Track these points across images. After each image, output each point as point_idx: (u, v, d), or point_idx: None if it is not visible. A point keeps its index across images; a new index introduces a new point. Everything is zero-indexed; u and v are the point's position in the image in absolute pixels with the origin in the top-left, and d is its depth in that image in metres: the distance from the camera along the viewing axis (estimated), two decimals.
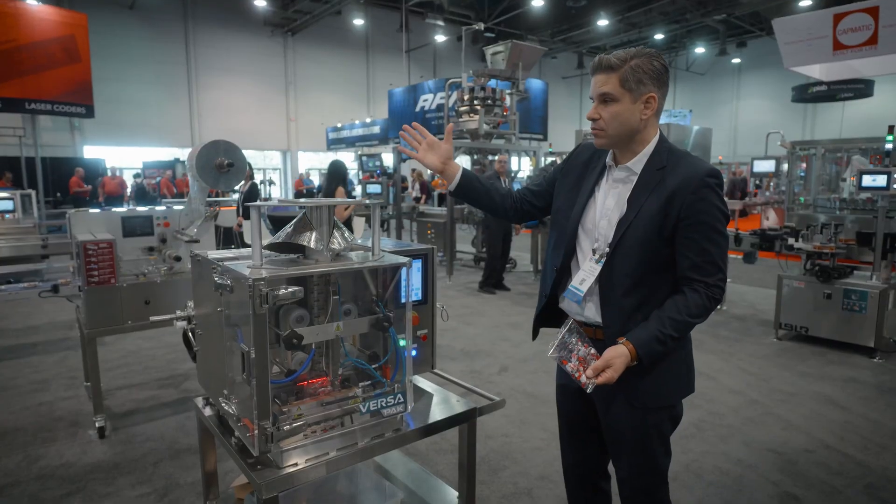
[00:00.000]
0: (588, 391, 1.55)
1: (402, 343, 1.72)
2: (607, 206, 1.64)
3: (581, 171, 1.75)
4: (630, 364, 1.51)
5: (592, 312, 1.66)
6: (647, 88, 1.53)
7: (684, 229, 1.53)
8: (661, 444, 1.68)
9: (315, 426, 1.60)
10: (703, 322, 1.57)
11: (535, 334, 1.90)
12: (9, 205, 6.84)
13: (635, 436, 1.66)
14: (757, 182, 16.31)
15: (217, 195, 10.06)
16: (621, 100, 1.53)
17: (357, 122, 21.88)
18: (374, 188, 10.42)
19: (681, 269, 1.56)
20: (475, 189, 1.87)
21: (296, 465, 1.52)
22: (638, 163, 1.60)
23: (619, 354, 1.50)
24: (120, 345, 5.06)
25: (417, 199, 14.18)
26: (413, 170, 17.47)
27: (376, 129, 20.56)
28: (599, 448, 1.84)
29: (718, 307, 6.39)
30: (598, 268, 1.61)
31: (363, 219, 7.73)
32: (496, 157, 7.91)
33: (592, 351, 1.57)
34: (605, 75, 1.54)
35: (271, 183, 21.20)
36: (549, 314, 1.82)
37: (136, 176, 17.21)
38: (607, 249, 1.60)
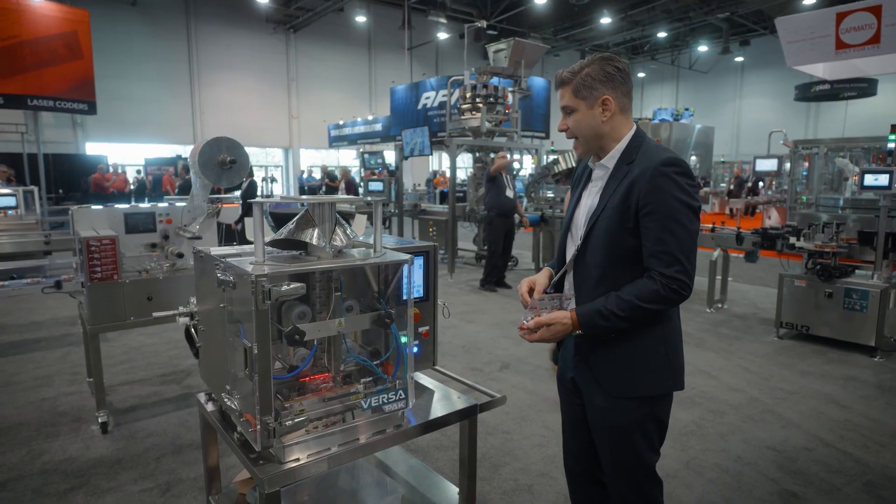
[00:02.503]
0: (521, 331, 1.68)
1: (403, 340, 1.73)
2: (587, 204, 1.74)
3: (578, 181, 1.87)
4: (572, 331, 1.63)
5: (571, 305, 1.73)
6: (599, 92, 1.63)
7: (642, 218, 1.57)
8: (644, 439, 1.68)
9: (317, 422, 1.62)
10: (657, 309, 1.56)
11: (555, 355, 1.95)
12: (11, 201, 6.86)
13: (614, 426, 1.69)
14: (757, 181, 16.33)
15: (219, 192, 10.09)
16: (578, 108, 1.66)
17: (359, 119, 21.86)
18: (376, 185, 10.43)
19: (644, 259, 1.60)
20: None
21: (298, 460, 1.53)
22: (611, 159, 1.68)
23: (561, 317, 1.63)
24: (122, 341, 5.08)
25: None
26: (341, 167, 18.10)
27: (378, 127, 20.53)
28: None
29: (720, 306, 6.39)
30: (571, 261, 1.72)
31: (364, 216, 7.74)
32: (495, 155, 7.93)
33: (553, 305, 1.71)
34: (563, 89, 1.67)
35: (273, 180, 21.24)
36: None
37: (138, 171, 17.26)
38: (580, 242, 1.68)
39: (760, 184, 16.97)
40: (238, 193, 8.69)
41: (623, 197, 1.58)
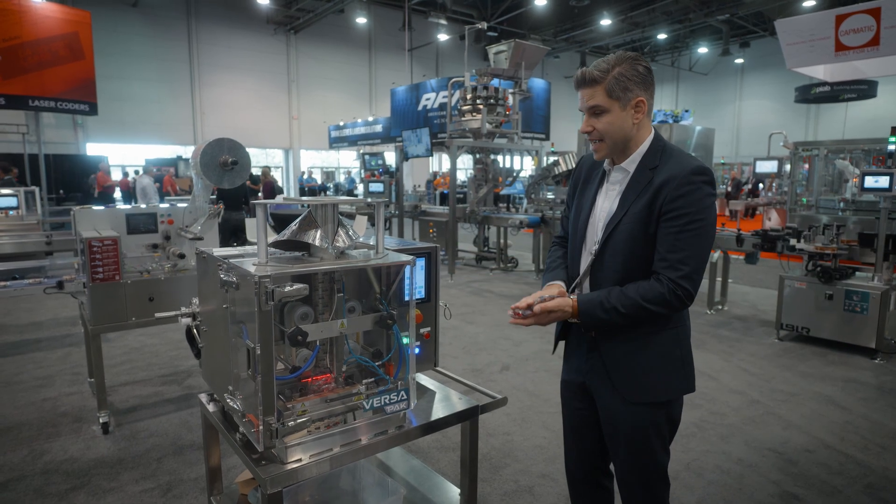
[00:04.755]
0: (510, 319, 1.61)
1: (405, 341, 1.74)
2: (604, 208, 1.68)
3: (585, 182, 1.80)
4: (570, 319, 1.60)
5: None
6: (633, 94, 1.56)
7: (663, 222, 1.54)
8: (659, 441, 1.68)
9: (319, 422, 1.62)
10: (658, 312, 1.54)
11: (555, 346, 1.90)
12: (12, 201, 6.87)
13: (631, 431, 1.67)
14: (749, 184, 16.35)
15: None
16: (611, 109, 1.56)
17: (359, 120, 21.88)
18: (377, 187, 10.44)
19: (654, 261, 1.57)
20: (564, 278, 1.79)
21: (300, 460, 1.53)
22: (631, 163, 1.63)
23: (563, 305, 1.58)
24: (123, 341, 5.08)
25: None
26: (265, 166, 17.97)
27: (378, 128, 20.54)
28: (601, 445, 1.85)
29: (720, 308, 6.39)
30: (587, 265, 1.68)
31: (365, 217, 7.75)
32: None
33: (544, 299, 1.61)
34: (591, 89, 1.57)
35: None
36: (566, 326, 1.83)
37: (136, 172, 17.26)
38: (597, 247, 1.65)
39: (761, 185, 17.00)
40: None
41: (648, 203, 1.55)
